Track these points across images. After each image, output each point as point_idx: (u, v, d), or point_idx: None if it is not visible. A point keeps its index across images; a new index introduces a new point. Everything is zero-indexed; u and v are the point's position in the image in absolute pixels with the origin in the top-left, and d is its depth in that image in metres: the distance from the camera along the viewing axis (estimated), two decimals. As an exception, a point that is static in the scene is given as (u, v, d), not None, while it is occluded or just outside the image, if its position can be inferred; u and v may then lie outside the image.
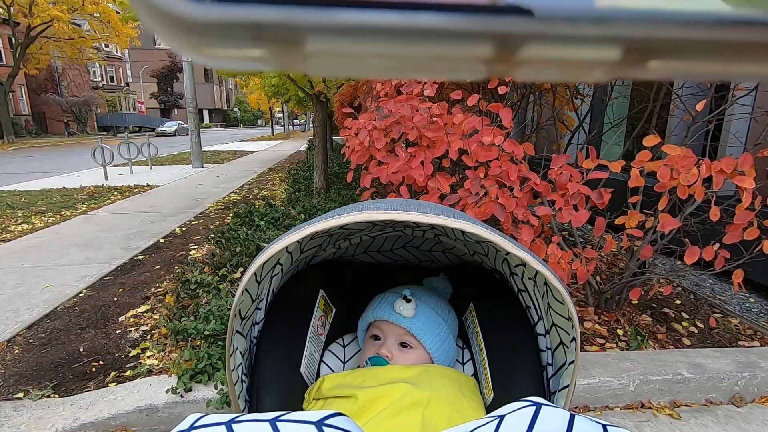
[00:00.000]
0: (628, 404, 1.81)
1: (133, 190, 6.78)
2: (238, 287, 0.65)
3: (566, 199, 1.67)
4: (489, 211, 1.65)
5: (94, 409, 1.64)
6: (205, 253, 3.37)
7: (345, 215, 0.62)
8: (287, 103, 15.72)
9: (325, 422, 0.48)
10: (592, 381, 1.79)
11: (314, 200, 4.78)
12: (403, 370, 0.77)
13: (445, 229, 0.76)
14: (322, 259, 0.92)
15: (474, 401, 0.76)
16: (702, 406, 1.82)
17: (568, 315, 0.66)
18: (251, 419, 0.48)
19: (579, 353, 0.68)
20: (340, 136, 2.77)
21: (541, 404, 0.52)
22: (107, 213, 5.15)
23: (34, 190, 6.75)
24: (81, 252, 3.62)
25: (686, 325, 2.32)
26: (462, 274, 0.94)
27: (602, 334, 2.19)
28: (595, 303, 2.44)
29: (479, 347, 0.85)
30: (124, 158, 9.08)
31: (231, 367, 0.69)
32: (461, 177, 2.22)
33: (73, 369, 1.96)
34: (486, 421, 0.51)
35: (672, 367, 1.87)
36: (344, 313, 0.94)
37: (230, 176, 8.39)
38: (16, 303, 2.63)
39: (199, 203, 5.66)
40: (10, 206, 5.47)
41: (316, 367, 0.87)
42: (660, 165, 1.54)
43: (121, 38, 21.53)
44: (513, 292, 0.84)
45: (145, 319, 2.42)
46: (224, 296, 2.37)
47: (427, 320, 0.82)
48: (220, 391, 1.65)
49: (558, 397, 0.72)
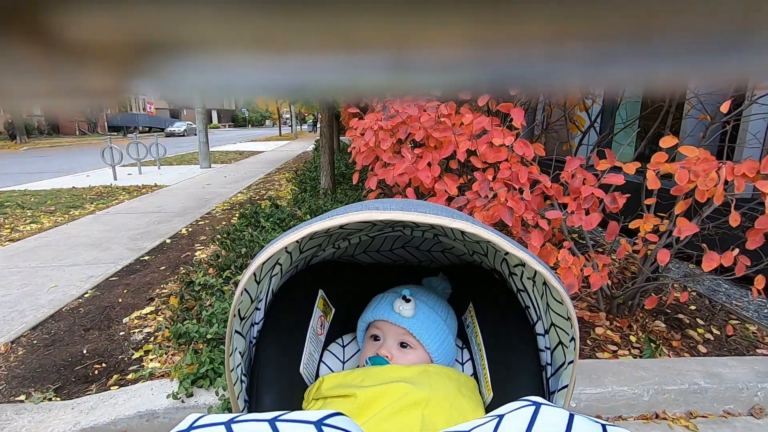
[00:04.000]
0: (642, 414, 1.74)
1: (141, 190, 6.82)
2: (237, 287, 0.65)
3: (578, 203, 1.61)
4: (498, 214, 1.60)
5: (95, 414, 1.62)
6: (210, 254, 3.36)
7: (344, 215, 0.62)
8: (294, 103, 15.76)
9: (325, 422, 0.48)
10: (604, 390, 1.73)
11: (320, 201, 4.76)
12: (403, 369, 0.78)
13: (444, 229, 0.77)
14: (321, 259, 0.92)
15: (473, 401, 0.77)
16: (720, 417, 1.75)
17: (567, 315, 0.66)
18: (250, 419, 0.48)
19: (578, 354, 0.67)
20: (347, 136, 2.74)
21: (540, 404, 0.52)
22: (115, 213, 5.17)
23: (44, 190, 6.81)
24: (88, 252, 3.63)
25: (702, 331, 2.25)
26: (461, 274, 0.95)
27: (614, 341, 2.13)
28: (607, 308, 2.37)
29: (478, 347, 0.85)
30: (132, 158, 9.14)
31: (230, 367, 0.70)
32: (469, 179, 2.17)
33: (76, 371, 1.95)
34: (485, 421, 0.52)
35: (688, 376, 1.80)
36: (343, 313, 0.94)
37: (237, 176, 8.40)
38: (21, 303, 2.63)
39: (205, 203, 5.66)
40: (20, 206, 5.51)
41: (315, 367, 0.87)
42: (677, 167, 1.48)
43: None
44: (512, 292, 0.84)
45: (149, 320, 2.40)
46: (227, 299, 2.35)
47: (426, 320, 0.83)
48: (222, 396, 1.62)
49: (557, 396, 0.72)
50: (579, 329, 0.65)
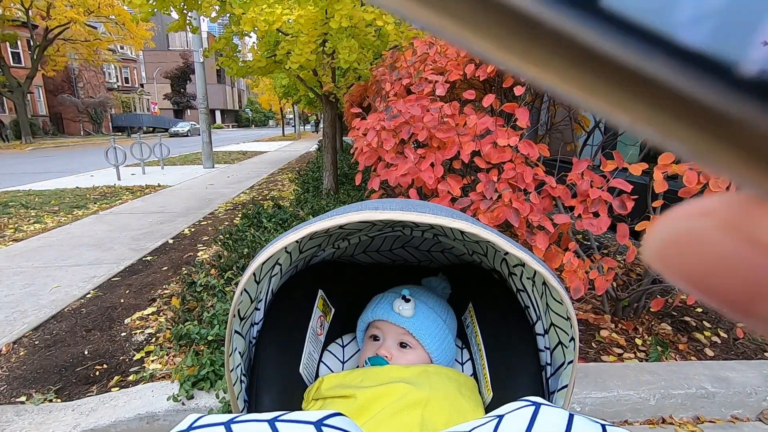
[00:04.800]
0: (648, 419, 1.72)
1: (144, 190, 6.83)
2: (237, 287, 0.65)
3: (586, 206, 1.59)
4: (502, 215, 1.58)
5: (95, 415, 1.61)
6: (213, 255, 3.35)
7: (343, 215, 0.61)
8: (297, 103, 15.79)
9: (324, 422, 0.48)
10: (609, 394, 1.71)
11: (323, 201, 4.74)
12: (402, 370, 0.77)
13: (444, 229, 0.77)
14: (321, 259, 0.92)
15: (473, 401, 0.76)
16: (728, 422, 1.72)
17: (567, 315, 0.66)
18: (250, 419, 0.48)
19: (578, 354, 0.67)
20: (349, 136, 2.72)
21: (540, 404, 0.52)
22: (118, 213, 5.18)
23: (48, 190, 6.83)
24: (91, 252, 3.63)
25: (708, 334, 2.22)
26: (461, 274, 0.95)
27: (620, 344, 2.10)
28: (612, 311, 2.34)
29: (478, 347, 0.85)
30: (136, 158, 9.17)
31: (230, 367, 0.69)
32: (473, 179, 2.15)
33: (77, 372, 1.94)
34: (485, 421, 0.51)
35: (695, 380, 1.78)
36: (343, 313, 0.94)
37: (240, 177, 8.41)
38: (24, 304, 2.63)
39: (208, 204, 5.67)
40: (23, 206, 5.53)
41: (315, 368, 0.87)
42: (685, 168, 1.45)
43: (135, 40, 21.87)
44: (512, 292, 0.84)
45: (150, 321, 2.39)
46: (229, 300, 2.34)
47: (426, 320, 0.82)
48: (222, 399, 1.60)
49: (557, 397, 0.72)
50: (583, 332, 0.65)
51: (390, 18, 3.63)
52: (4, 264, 3.35)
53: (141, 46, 22.97)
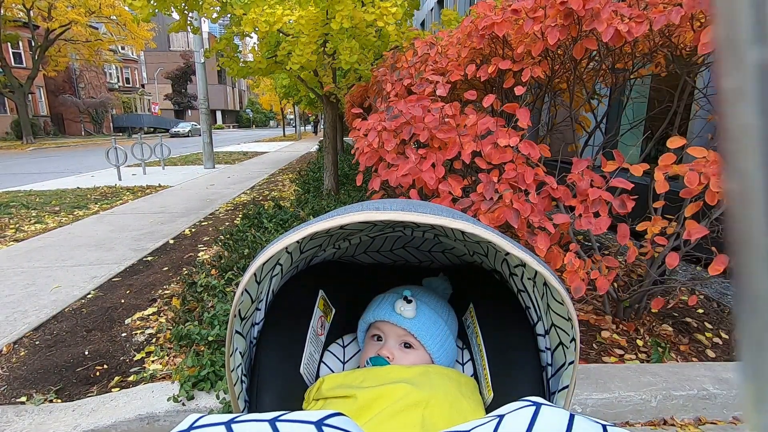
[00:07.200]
0: (650, 421, 1.71)
1: (145, 191, 6.83)
2: (238, 287, 0.65)
3: (586, 206, 1.58)
4: (503, 216, 1.57)
5: (95, 416, 1.61)
6: (213, 255, 3.35)
7: (344, 215, 0.61)
8: (298, 104, 15.80)
9: (325, 422, 0.48)
10: (611, 395, 1.70)
11: (324, 202, 4.74)
12: (403, 370, 0.78)
13: (445, 229, 0.77)
14: (321, 259, 0.92)
15: (474, 401, 0.77)
16: (729, 424, 1.72)
17: (568, 315, 0.66)
18: (251, 419, 0.48)
19: (579, 355, 0.67)
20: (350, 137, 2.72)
21: (540, 404, 0.52)
22: (119, 213, 5.18)
23: (49, 190, 6.84)
24: (91, 252, 3.63)
25: (710, 335, 2.21)
26: (462, 275, 0.95)
27: (621, 345, 2.10)
28: (613, 311, 2.34)
29: (479, 347, 0.85)
30: (137, 159, 9.18)
31: (231, 367, 0.70)
32: (474, 180, 2.15)
33: (77, 373, 1.94)
34: (485, 421, 0.51)
35: (696, 381, 1.77)
36: (344, 313, 0.94)
37: (241, 177, 8.41)
38: (24, 304, 2.63)
39: (209, 204, 5.67)
40: (24, 206, 5.54)
41: (315, 368, 0.87)
42: (686, 169, 1.45)
43: (136, 40, 21.91)
44: (512, 292, 0.84)
45: (151, 321, 2.39)
46: (229, 300, 2.33)
47: (427, 321, 0.82)
48: (223, 400, 1.60)
49: (558, 397, 0.72)
50: (584, 333, 0.65)
51: (391, 19, 3.63)
52: (5, 264, 3.36)
53: (142, 46, 23.01)
